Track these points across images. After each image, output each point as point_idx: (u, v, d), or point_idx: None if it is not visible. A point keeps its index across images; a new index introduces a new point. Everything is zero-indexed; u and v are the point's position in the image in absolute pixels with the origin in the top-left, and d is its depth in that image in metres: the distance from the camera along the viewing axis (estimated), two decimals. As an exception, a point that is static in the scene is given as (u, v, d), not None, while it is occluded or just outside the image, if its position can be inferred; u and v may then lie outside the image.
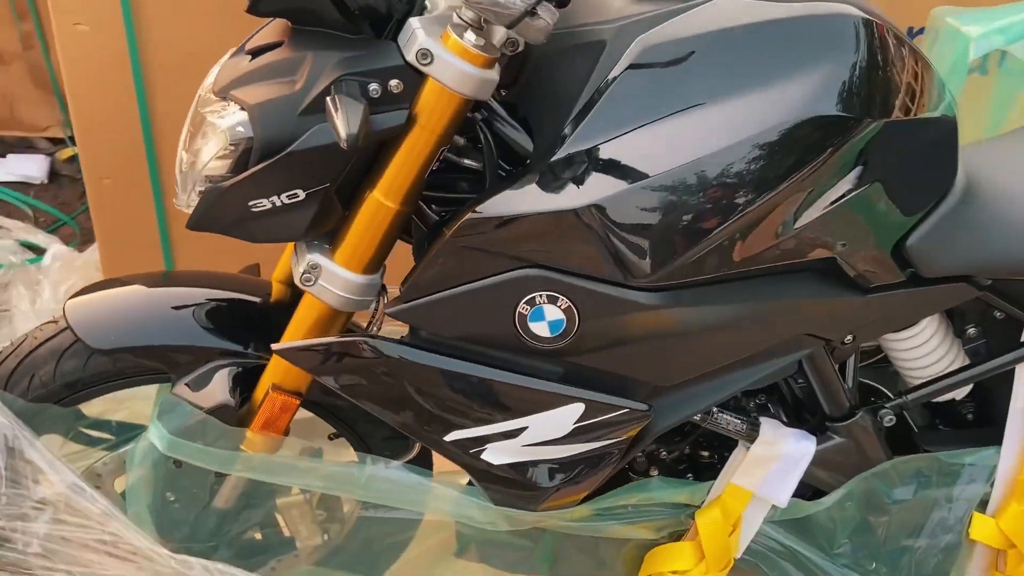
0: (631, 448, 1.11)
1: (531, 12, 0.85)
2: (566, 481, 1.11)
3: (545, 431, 1.06)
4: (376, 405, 1.07)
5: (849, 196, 0.98)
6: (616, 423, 1.06)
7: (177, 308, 1.18)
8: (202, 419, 1.11)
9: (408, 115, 0.95)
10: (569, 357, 1.04)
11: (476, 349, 1.03)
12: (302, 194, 0.96)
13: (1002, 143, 1.36)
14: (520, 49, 0.92)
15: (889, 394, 1.26)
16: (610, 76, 0.94)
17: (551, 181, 0.95)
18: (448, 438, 1.08)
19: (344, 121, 0.87)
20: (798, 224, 0.98)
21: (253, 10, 0.92)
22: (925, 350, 1.20)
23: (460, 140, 1.03)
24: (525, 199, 0.95)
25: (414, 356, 1.03)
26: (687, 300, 1.01)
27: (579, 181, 0.94)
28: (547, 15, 0.87)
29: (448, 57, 0.92)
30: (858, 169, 0.98)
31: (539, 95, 1.03)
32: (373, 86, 0.93)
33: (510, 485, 1.11)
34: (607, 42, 0.96)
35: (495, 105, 1.03)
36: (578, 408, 1.05)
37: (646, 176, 0.93)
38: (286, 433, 1.16)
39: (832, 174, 0.97)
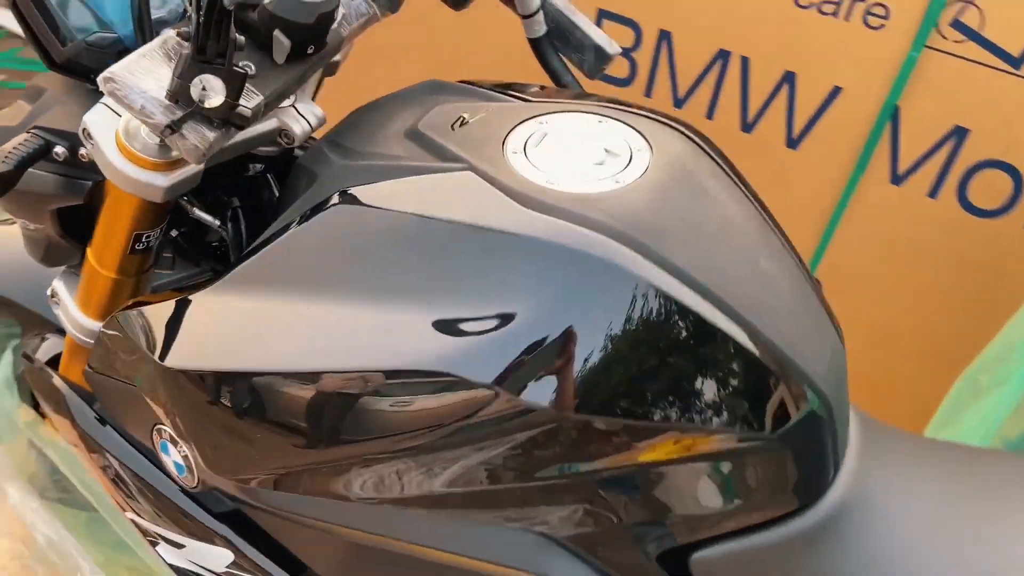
0: None
1: (173, 129, 0.69)
2: None
3: (201, 559, 0.93)
4: (72, 446, 0.99)
5: (554, 480, 0.68)
6: None
7: None
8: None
9: (100, 188, 0.82)
10: None
11: None
12: (31, 227, 0.88)
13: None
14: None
15: None
16: (294, 220, 0.74)
17: (182, 315, 0.77)
18: (127, 515, 0.97)
19: None
20: (430, 484, 0.71)
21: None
22: None
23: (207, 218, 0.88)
24: (157, 324, 0.78)
25: (86, 425, 0.93)
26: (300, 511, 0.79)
27: (185, 331, 0.75)
28: (195, 137, 0.69)
29: (105, 146, 0.75)
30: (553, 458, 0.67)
31: (280, 201, 0.86)
32: (59, 149, 0.80)
33: None
34: (320, 177, 0.78)
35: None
36: (227, 555, 0.89)
37: (238, 366, 0.71)
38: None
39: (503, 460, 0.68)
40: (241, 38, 0.69)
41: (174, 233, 0.94)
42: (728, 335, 0.66)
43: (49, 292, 0.96)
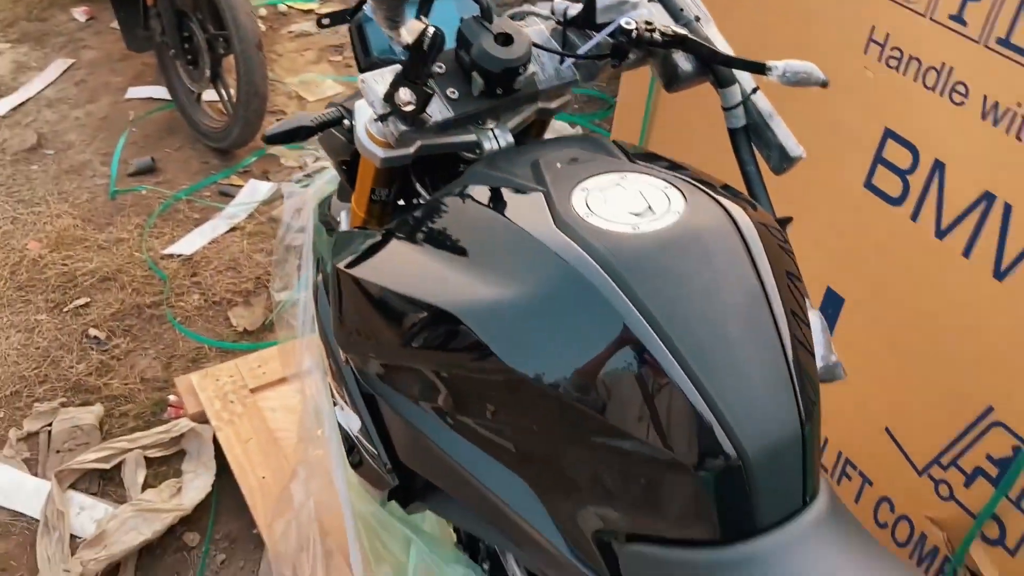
0: None
1: (381, 119, 1.04)
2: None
3: (347, 421, 1.25)
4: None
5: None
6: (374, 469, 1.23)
7: None
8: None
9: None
10: None
11: None
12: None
13: None
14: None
15: None
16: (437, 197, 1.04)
17: (356, 237, 1.10)
18: (328, 378, 1.35)
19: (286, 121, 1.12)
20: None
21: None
22: None
23: (422, 191, 1.22)
24: (346, 240, 1.13)
25: (320, 303, 1.31)
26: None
27: (354, 247, 1.07)
28: (393, 127, 1.04)
29: (359, 123, 1.09)
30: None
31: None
32: (346, 121, 1.15)
33: None
34: (466, 174, 1.06)
35: None
36: (358, 421, 1.20)
37: (390, 281, 1.01)
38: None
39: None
40: (441, 69, 1.04)
41: (416, 200, 1.32)
42: (665, 370, 0.82)
43: (338, 217, 1.41)
